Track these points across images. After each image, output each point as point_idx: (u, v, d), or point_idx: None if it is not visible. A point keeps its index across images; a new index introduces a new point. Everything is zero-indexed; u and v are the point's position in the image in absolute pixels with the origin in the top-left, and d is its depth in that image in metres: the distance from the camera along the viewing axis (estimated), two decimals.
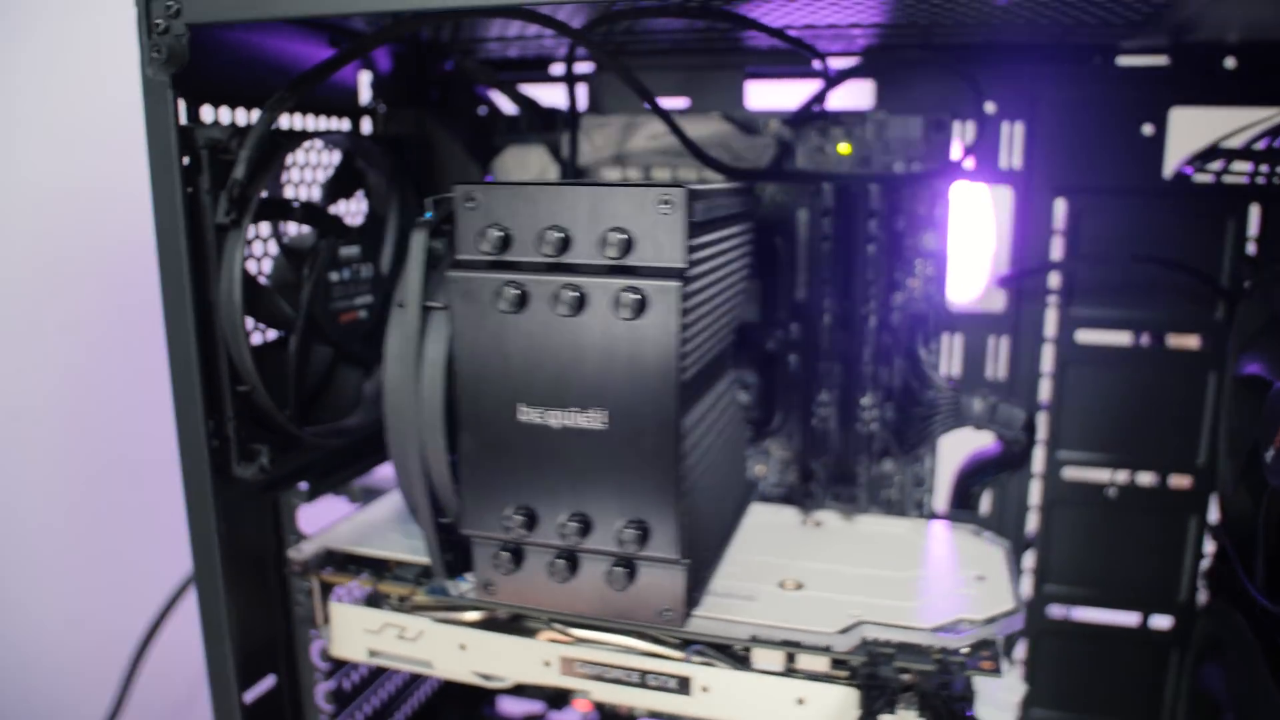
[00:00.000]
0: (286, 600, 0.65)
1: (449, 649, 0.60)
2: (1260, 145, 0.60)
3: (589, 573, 0.52)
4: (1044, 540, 0.70)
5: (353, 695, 0.71)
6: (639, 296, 0.47)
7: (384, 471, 0.73)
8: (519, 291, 0.48)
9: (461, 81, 0.73)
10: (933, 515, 0.69)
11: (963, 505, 0.71)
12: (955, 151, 0.64)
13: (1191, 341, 0.65)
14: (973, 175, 0.66)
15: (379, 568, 0.63)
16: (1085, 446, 0.68)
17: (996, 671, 0.52)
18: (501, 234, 0.49)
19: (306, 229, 0.62)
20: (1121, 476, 0.69)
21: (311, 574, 0.63)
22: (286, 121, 0.62)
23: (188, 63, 0.50)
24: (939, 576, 0.60)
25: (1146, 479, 0.69)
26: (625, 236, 0.47)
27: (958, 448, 0.69)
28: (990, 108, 0.66)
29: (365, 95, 0.69)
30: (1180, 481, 0.68)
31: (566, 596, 0.53)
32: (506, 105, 0.74)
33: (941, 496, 0.70)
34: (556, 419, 0.50)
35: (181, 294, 0.53)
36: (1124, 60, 0.64)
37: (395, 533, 0.66)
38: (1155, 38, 0.62)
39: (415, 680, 0.80)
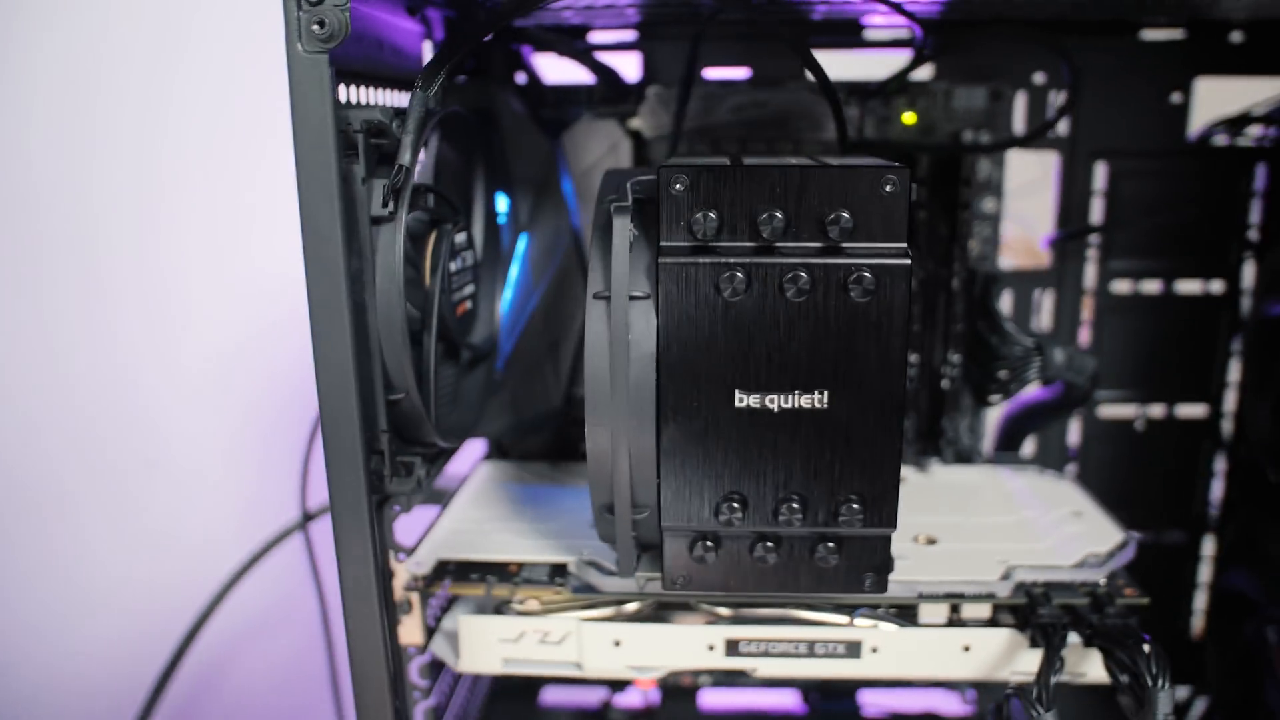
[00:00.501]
0: (393, 621, 0.60)
1: (601, 647, 0.58)
2: (1268, 113, 0.68)
3: (792, 552, 0.52)
4: (1082, 474, 0.77)
5: (442, 709, 0.67)
6: (871, 277, 0.47)
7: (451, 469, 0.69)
8: (744, 277, 0.48)
9: (500, 49, 0.69)
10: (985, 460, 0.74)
11: (1008, 447, 0.76)
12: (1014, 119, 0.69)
13: (1215, 287, 0.74)
14: (1024, 142, 0.70)
15: (501, 572, 0.61)
16: (1118, 385, 0.75)
17: (1141, 597, 0.57)
18: (715, 217, 0.48)
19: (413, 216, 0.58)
20: (1151, 410, 0.76)
21: (432, 588, 0.60)
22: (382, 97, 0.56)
23: (347, 36, 0.45)
24: (1042, 517, 0.65)
25: (1167, 411, 0.77)
26: (848, 217, 0.47)
27: None
28: (1039, 78, 0.70)
29: None
30: (1197, 412, 0.76)
31: (766, 579, 0.53)
32: (553, 74, 0.71)
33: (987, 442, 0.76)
34: (776, 402, 0.50)
35: (338, 296, 0.47)
36: (1148, 35, 0.70)
37: (502, 533, 0.63)
38: (1173, 15, 0.68)
39: (479, 678, 0.77)
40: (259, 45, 0.97)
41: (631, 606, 0.60)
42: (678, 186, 0.48)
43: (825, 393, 0.49)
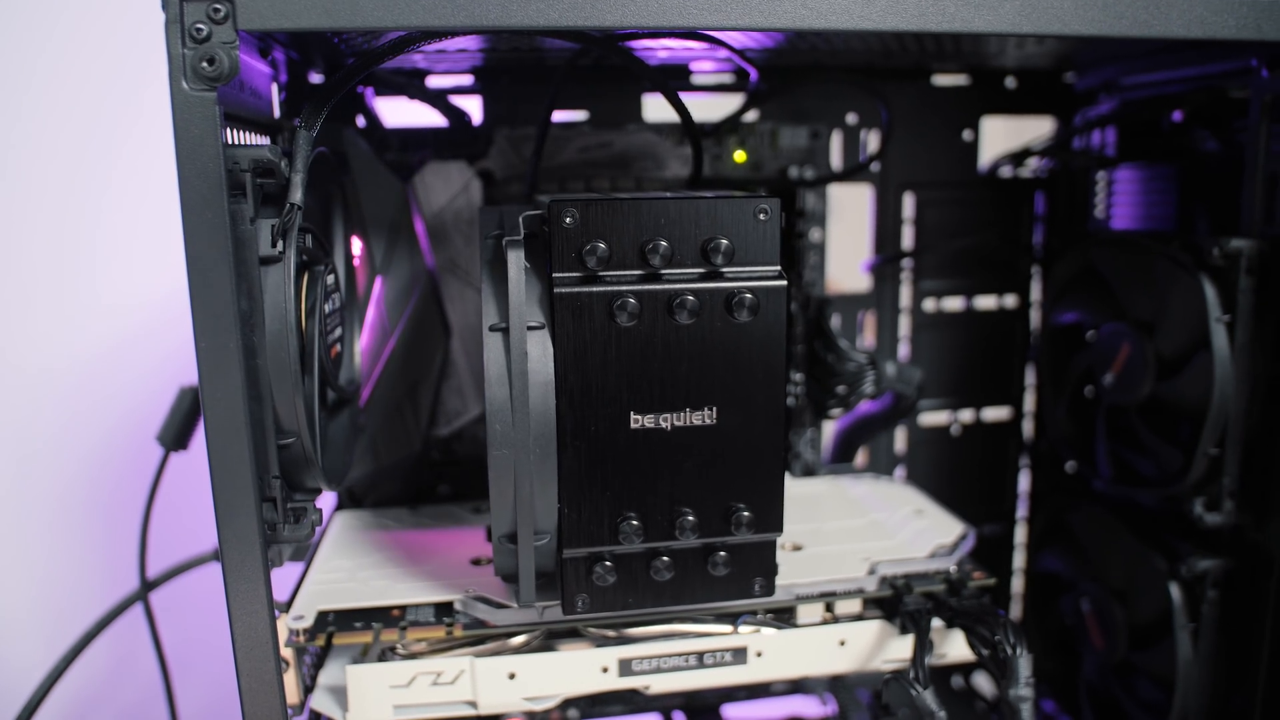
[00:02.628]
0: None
1: (496, 682, 0.58)
2: (1044, 148, 0.79)
3: (686, 565, 0.55)
4: (910, 478, 0.84)
5: None
6: (753, 298, 0.51)
7: None
8: (637, 304, 0.50)
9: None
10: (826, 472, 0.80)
11: (842, 459, 0.82)
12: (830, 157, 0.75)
13: (1009, 301, 0.83)
14: (845, 175, 0.77)
15: (386, 618, 0.59)
16: (934, 394, 0.83)
17: (989, 579, 0.63)
18: (605, 248, 0.50)
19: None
20: (961, 416, 0.85)
21: (316, 640, 0.57)
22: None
23: (236, 74, 0.44)
24: (889, 518, 0.71)
25: (976, 416, 0.85)
26: (728, 244, 0.51)
27: None
28: (852, 119, 0.77)
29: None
30: (1002, 414, 0.85)
31: (663, 593, 0.55)
32: (392, 118, 0.71)
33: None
34: (669, 421, 0.52)
35: (228, 339, 0.46)
36: (939, 80, 0.79)
37: (379, 579, 0.62)
38: (956, 62, 0.78)
39: None
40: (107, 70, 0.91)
41: (518, 640, 0.60)
42: (568, 220, 0.49)
43: (714, 409, 0.52)
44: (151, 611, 0.72)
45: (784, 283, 0.52)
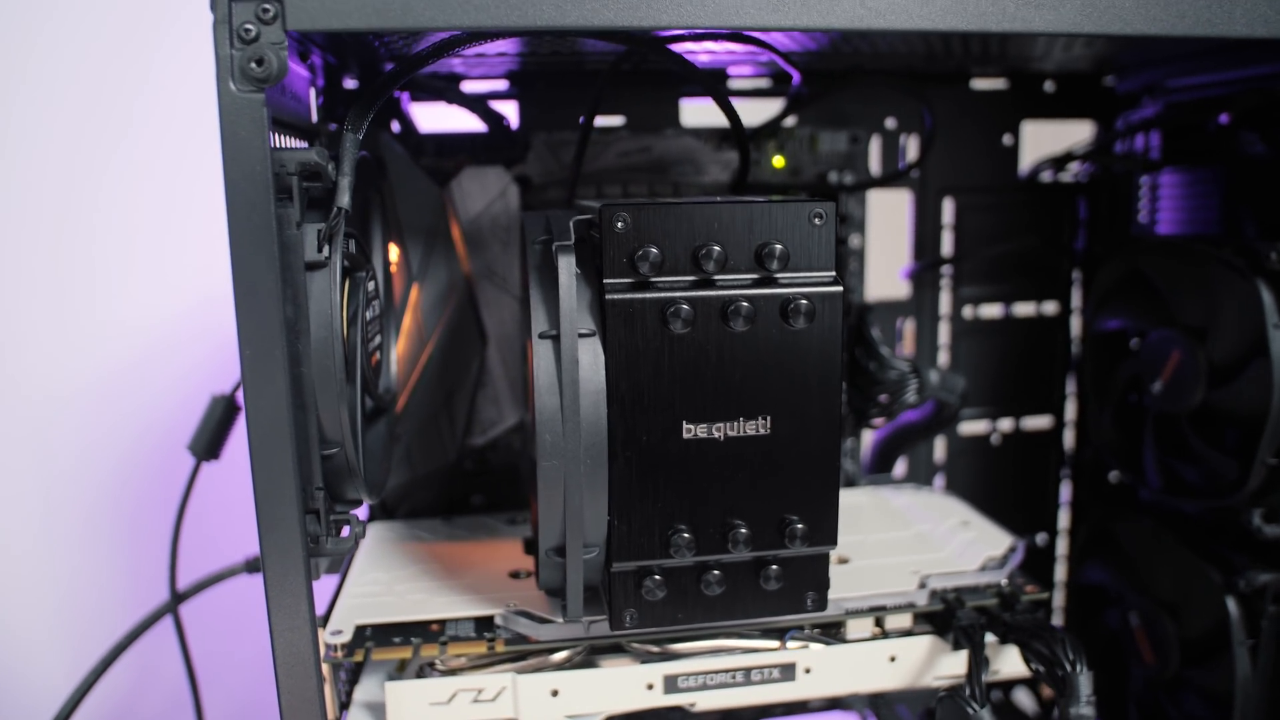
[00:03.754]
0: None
1: (539, 699, 0.57)
2: (1086, 152, 0.77)
3: (737, 579, 0.53)
4: (949, 488, 0.83)
5: None
6: (809, 304, 0.49)
7: None
8: (689, 309, 0.48)
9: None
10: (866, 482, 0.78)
11: (881, 469, 0.81)
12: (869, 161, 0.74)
13: (1049, 308, 0.81)
14: (883, 183, 0.76)
15: (424, 633, 0.58)
16: (975, 403, 0.82)
17: (1042, 592, 0.62)
18: (658, 253, 0.48)
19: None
20: (1001, 425, 0.83)
21: (354, 656, 0.56)
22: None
23: (284, 76, 0.43)
24: (935, 529, 0.69)
25: (1016, 425, 0.84)
26: (782, 249, 0.49)
27: None
28: (890, 123, 0.76)
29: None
30: (1042, 423, 0.84)
31: (713, 608, 0.53)
32: (427, 124, 0.70)
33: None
34: (722, 431, 0.50)
35: (274, 346, 0.44)
36: (978, 84, 0.78)
37: (416, 593, 0.60)
38: (996, 66, 0.76)
39: None
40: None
41: (561, 655, 0.58)
42: (619, 224, 0.48)
43: (768, 419, 0.51)
44: (181, 624, 0.71)
45: (840, 288, 0.50)
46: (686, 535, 0.51)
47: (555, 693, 0.57)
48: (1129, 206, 0.76)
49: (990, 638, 0.59)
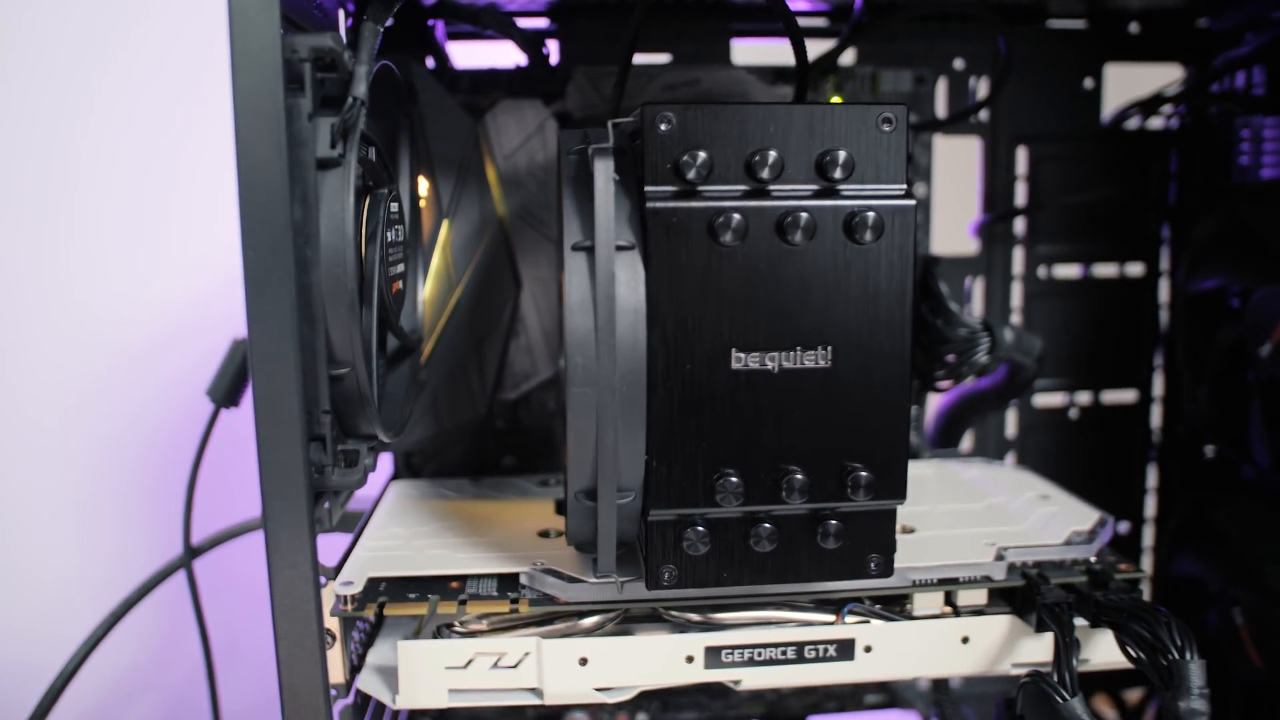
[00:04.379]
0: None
1: (565, 668, 0.51)
2: (1178, 93, 0.71)
3: (791, 535, 0.47)
4: (1021, 465, 0.76)
5: None
6: (877, 217, 0.44)
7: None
8: (742, 221, 0.43)
9: (412, 26, 0.63)
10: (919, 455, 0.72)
11: (946, 443, 0.74)
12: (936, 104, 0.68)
13: (1134, 270, 0.74)
14: (949, 128, 0.70)
15: (443, 589, 0.52)
16: (1052, 373, 0.75)
17: (1137, 571, 0.55)
18: (706, 158, 0.43)
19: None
20: (1080, 398, 0.76)
21: (365, 610, 0.51)
22: None
23: None
24: (1011, 503, 0.62)
25: (1096, 398, 0.77)
26: (847, 156, 0.44)
27: None
28: (959, 64, 0.70)
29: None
30: (1127, 397, 0.76)
31: (764, 568, 0.47)
32: (464, 60, 0.65)
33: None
34: (776, 361, 0.45)
35: (280, 248, 0.40)
36: (1054, 24, 0.72)
37: (437, 548, 0.55)
38: (1076, 4, 0.70)
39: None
40: None
41: (591, 621, 0.53)
42: (664, 126, 0.43)
43: (829, 349, 0.45)
44: (194, 579, 0.67)
45: (912, 202, 0.44)
46: (734, 480, 0.45)
47: (584, 661, 0.51)
48: (1227, 155, 0.69)
49: (1079, 620, 0.52)
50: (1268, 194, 0.63)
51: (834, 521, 0.47)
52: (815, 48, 0.67)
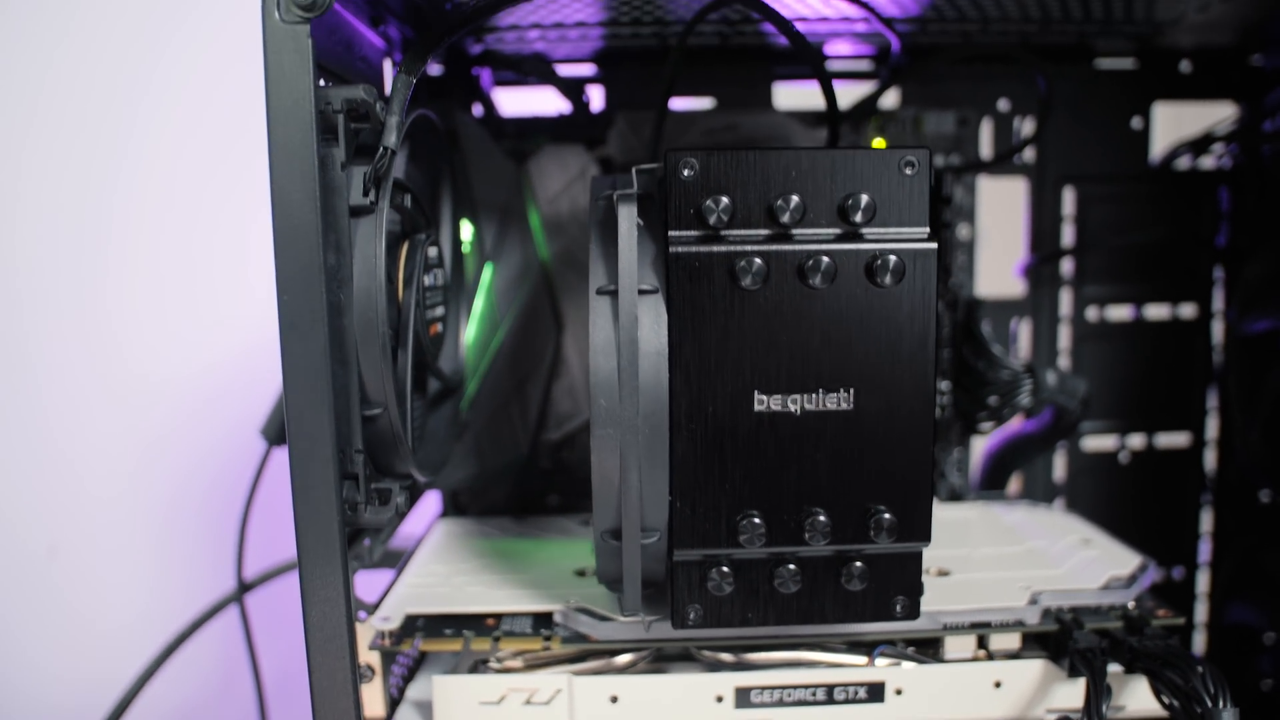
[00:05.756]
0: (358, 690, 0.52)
1: (596, 705, 0.52)
2: (1228, 133, 0.69)
3: (815, 576, 0.47)
4: (1070, 510, 0.74)
5: None
6: (899, 260, 0.44)
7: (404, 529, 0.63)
8: (764, 265, 0.44)
9: (458, 76, 0.66)
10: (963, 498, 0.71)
11: (992, 485, 0.73)
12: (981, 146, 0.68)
13: (1186, 311, 0.73)
14: (994, 169, 0.70)
15: (479, 626, 0.54)
16: (1100, 415, 0.73)
17: (1177, 617, 0.54)
18: (728, 203, 0.44)
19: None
20: (1132, 441, 0.74)
21: (402, 645, 0.52)
22: None
23: (329, 8, 0.41)
24: (1051, 547, 0.61)
25: (1149, 441, 0.75)
26: (869, 200, 0.44)
27: None
28: (1004, 105, 0.70)
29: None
30: (1179, 441, 0.75)
31: (788, 609, 0.48)
32: (509, 106, 0.68)
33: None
34: (799, 403, 0.45)
35: (313, 292, 0.42)
36: (1103, 63, 0.71)
37: (474, 585, 0.57)
38: (1122, 44, 0.70)
39: None
40: None
41: (624, 659, 0.53)
42: (687, 172, 0.44)
43: (851, 392, 0.45)
44: (246, 614, 0.69)
45: (934, 245, 0.45)
46: (758, 522, 0.46)
47: (615, 699, 0.52)
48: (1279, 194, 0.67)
49: (1114, 666, 0.51)
50: None
51: (859, 564, 0.47)
52: (860, 90, 0.68)
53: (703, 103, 0.69)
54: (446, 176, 0.58)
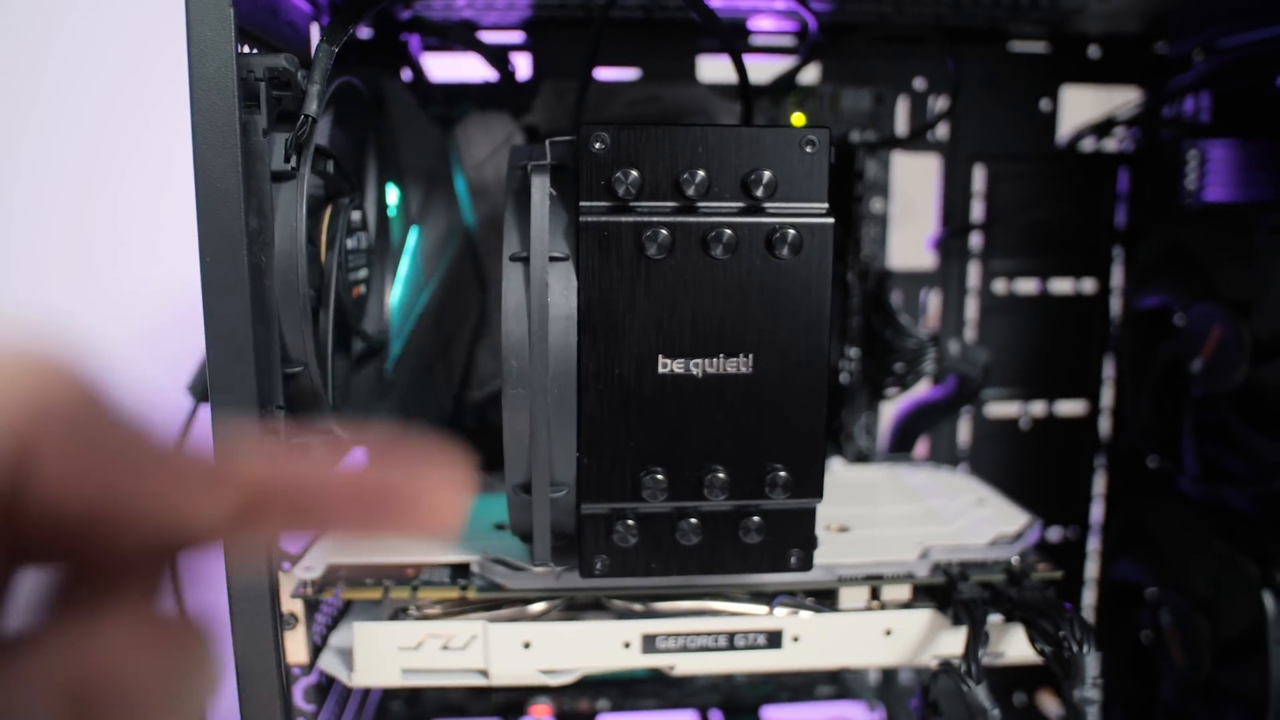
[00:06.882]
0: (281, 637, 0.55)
1: (510, 650, 0.54)
2: (1130, 117, 0.73)
3: (716, 529, 0.50)
4: (973, 473, 0.78)
5: None
6: (796, 234, 0.47)
7: None
8: (668, 235, 0.46)
9: (385, 45, 0.67)
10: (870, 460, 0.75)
11: (900, 449, 0.77)
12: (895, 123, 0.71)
13: (1087, 286, 0.77)
14: (908, 145, 0.72)
15: (399, 576, 0.56)
16: (1003, 384, 0.77)
17: (1055, 572, 0.58)
18: (638, 176, 0.46)
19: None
20: (1033, 408, 0.78)
21: (324, 594, 0.55)
22: None
23: None
24: (947, 505, 0.65)
25: (1049, 409, 0.79)
26: (770, 176, 0.47)
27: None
28: (919, 84, 0.73)
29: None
30: (1077, 408, 0.79)
31: (690, 560, 0.50)
32: (439, 72, 0.69)
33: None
34: (700, 367, 0.48)
35: (235, 255, 0.43)
36: (1016, 46, 0.74)
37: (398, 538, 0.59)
38: (1035, 27, 0.73)
39: (367, 696, 0.70)
40: None
41: (538, 607, 0.56)
42: (598, 145, 0.46)
43: (750, 356, 0.48)
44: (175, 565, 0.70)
45: (831, 220, 0.47)
46: (660, 478, 0.48)
47: (527, 645, 0.54)
48: (1176, 177, 0.71)
49: (996, 616, 0.55)
50: (1204, 217, 0.65)
51: (756, 518, 0.50)
52: (784, 65, 0.70)
53: (629, 73, 0.71)
54: (371, 142, 0.59)
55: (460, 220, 0.66)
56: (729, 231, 0.46)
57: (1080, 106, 0.75)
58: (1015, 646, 0.56)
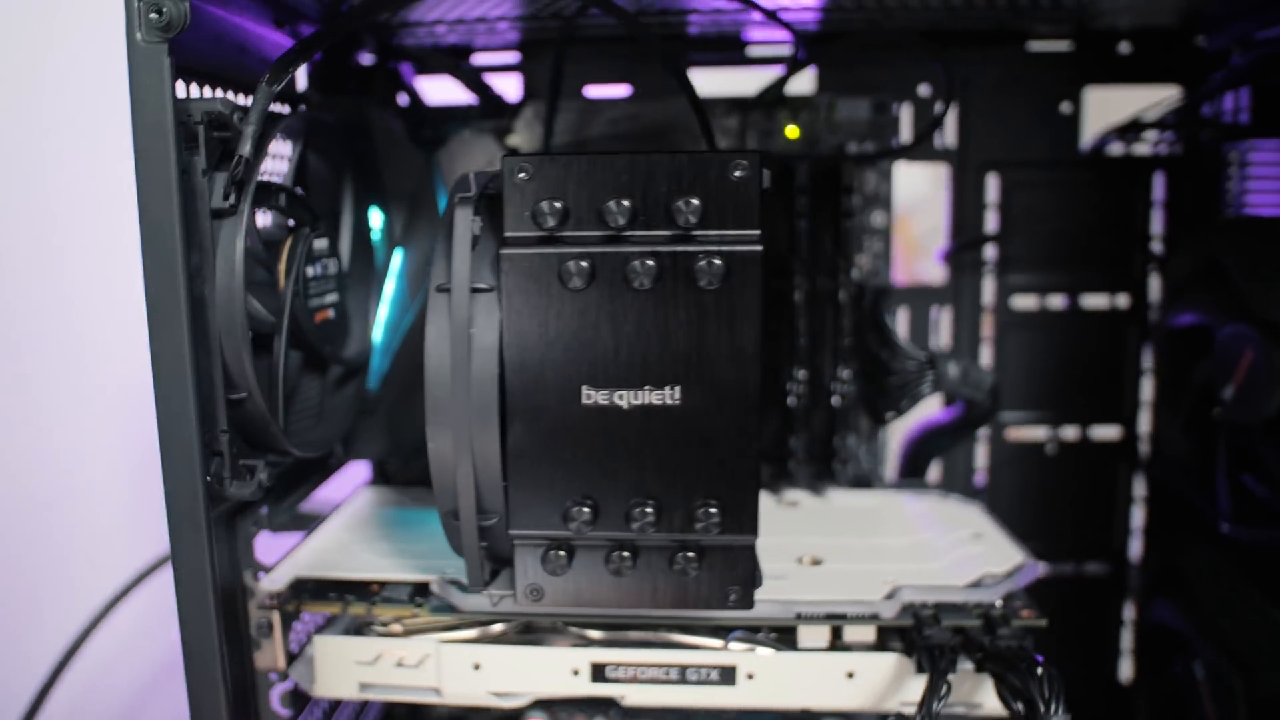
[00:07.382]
0: (238, 642, 0.56)
1: (460, 671, 0.55)
2: (1159, 118, 0.67)
3: (650, 563, 0.49)
4: (993, 501, 0.74)
5: None
6: (722, 264, 0.45)
7: (320, 495, 0.66)
8: (589, 266, 0.45)
9: (382, 72, 0.68)
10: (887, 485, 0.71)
11: (912, 473, 0.73)
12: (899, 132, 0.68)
13: (1121, 301, 0.72)
14: (911, 154, 0.69)
15: (362, 592, 0.57)
16: (1025, 406, 0.73)
17: (1039, 619, 0.54)
18: (560, 206, 0.46)
19: (270, 220, 0.56)
20: (1062, 433, 0.74)
21: (288, 606, 0.56)
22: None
23: (186, 27, 0.44)
24: (939, 539, 0.62)
25: (1080, 433, 0.75)
26: (698, 204, 0.45)
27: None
28: (924, 90, 0.70)
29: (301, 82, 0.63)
30: (1111, 433, 0.74)
31: (625, 592, 0.50)
32: (435, 96, 0.70)
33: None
34: (625, 399, 0.47)
35: (174, 290, 0.45)
36: (1035, 46, 0.70)
37: (367, 553, 0.60)
38: (1058, 25, 0.68)
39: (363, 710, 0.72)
40: None
41: (497, 628, 0.56)
42: (521, 175, 0.46)
43: (677, 388, 0.47)
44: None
45: (759, 249, 0.46)
46: (587, 510, 0.48)
47: (477, 666, 0.55)
48: (1217, 182, 0.65)
49: (967, 665, 0.52)
50: (1236, 228, 0.60)
51: (690, 553, 0.49)
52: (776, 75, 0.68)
53: (620, 90, 0.70)
54: (349, 169, 0.61)
55: None
56: (650, 262, 0.45)
57: (1101, 109, 0.70)
58: (993, 698, 0.52)
